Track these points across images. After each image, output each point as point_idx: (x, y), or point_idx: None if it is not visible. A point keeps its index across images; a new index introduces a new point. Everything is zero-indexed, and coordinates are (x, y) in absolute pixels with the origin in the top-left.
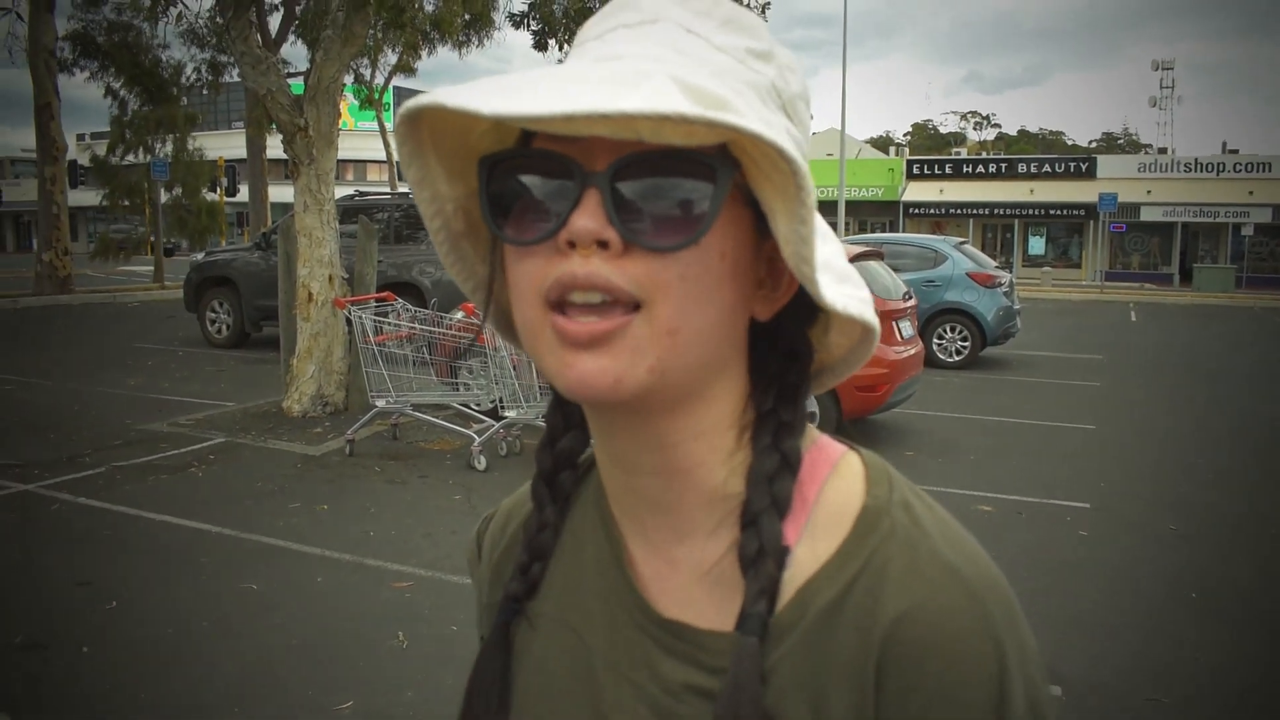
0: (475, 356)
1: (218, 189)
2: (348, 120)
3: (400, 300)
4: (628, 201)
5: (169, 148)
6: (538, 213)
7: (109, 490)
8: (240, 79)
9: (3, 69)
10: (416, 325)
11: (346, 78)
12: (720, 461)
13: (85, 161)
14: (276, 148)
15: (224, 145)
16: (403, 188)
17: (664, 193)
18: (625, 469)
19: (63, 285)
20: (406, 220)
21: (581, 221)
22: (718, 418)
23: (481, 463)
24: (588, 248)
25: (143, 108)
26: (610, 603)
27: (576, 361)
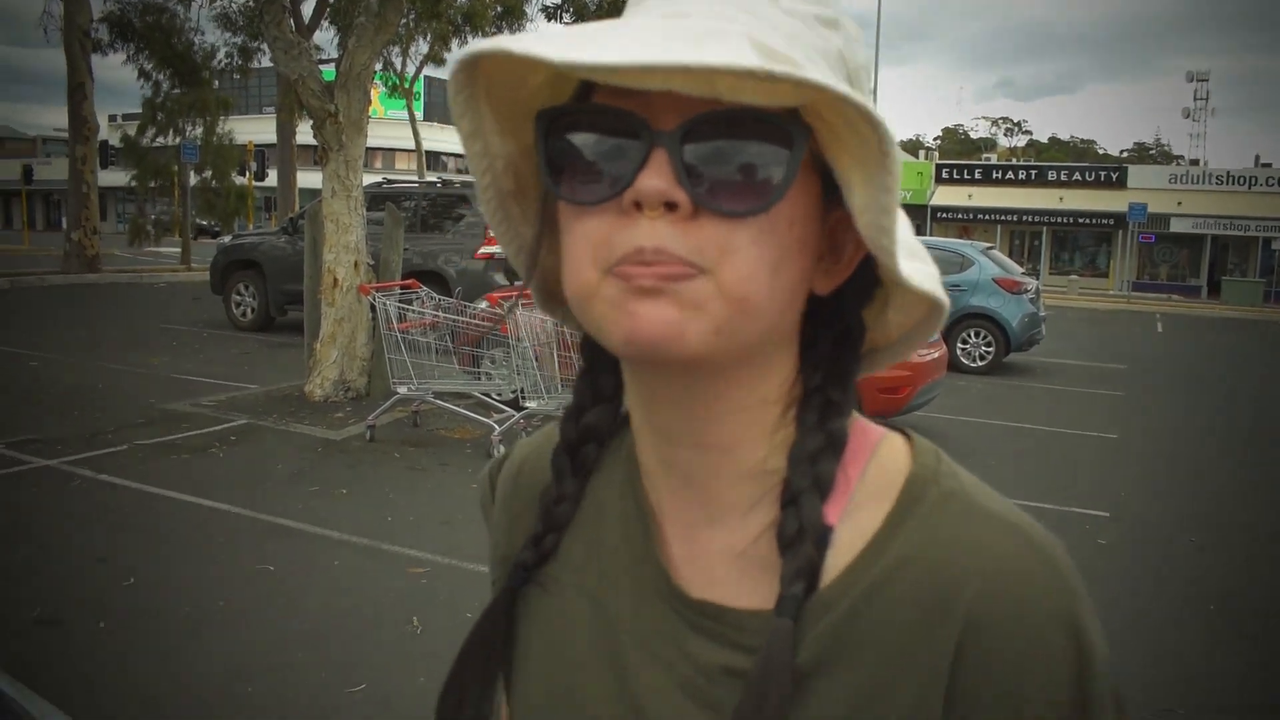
0: (498, 346)
1: (247, 173)
2: (378, 108)
3: (425, 288)
4: (698, 163)
5: (199, 131)
6: (599, 172)
7: (130, 468)
8: (272, 64)
9: (38, 48)
10: (440, 313)
11: (377, 65)
12: (762, 438)
13: (116, 142)
14: (306, 133)
15: (254, 130)
16: (430, 177)
17: (736, 155)
18: (664, 439)
19: (90, 264)
20: (433, 209)
21: (650, 181)
22: (766, 393)
23: (501, 452)
24: (655, 209)
25: (175, 90)
26: (637, 576)
27: (640, 308)
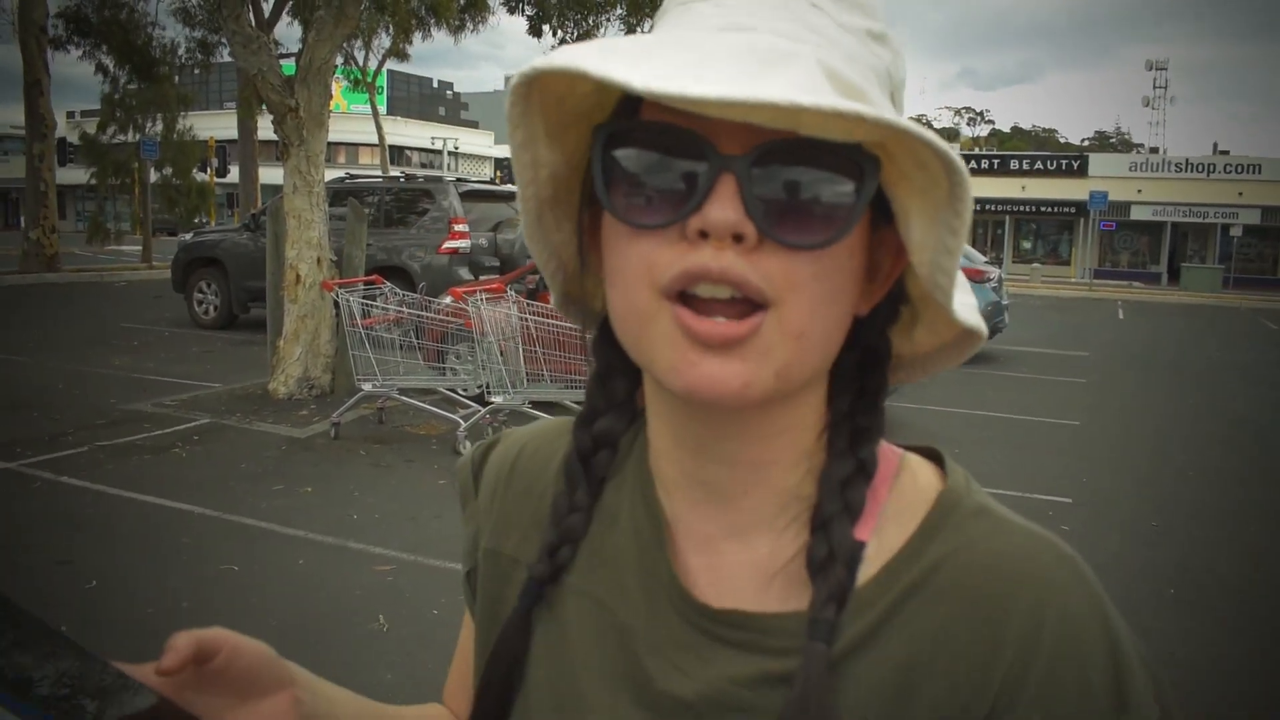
0: (463, 342)
1: (208, 169)
2: (340, 103)
3: (388, 284)
4: (765, 192)
5: (159, 127)
6: (658, 192)
7: (92, 469)
8: (232, 59)
9: None
10: (404, 309)
11: (339, 60)
12: (795, 461)
13: (75, 139)
14: (268, 129)
15: (215, 126)
16: (394, 171)
17: (805, 187)
18: (695, 455)
19: (49, 263)
20: (397, 204)
21: (719, 212)
22: (803, 415)
23: (467, 448)
24: (722, 240)
25: (134, 86)
26: (650, 586)
27: (702, 362)
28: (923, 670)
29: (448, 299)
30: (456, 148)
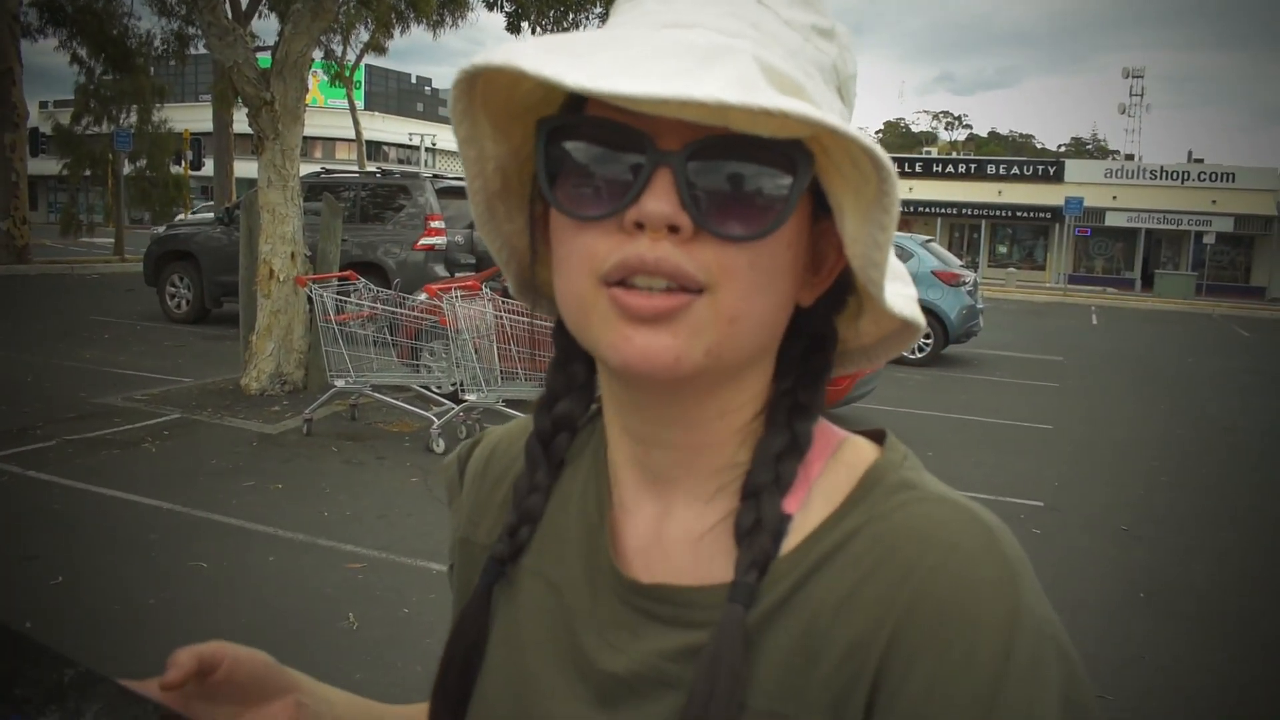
0: (437, 339)
1: (183, 162)
2: (318, 97)
3: (363, 280)
4: (701, 185)
5: (134, 118)
6: (599, 185)
7: (59, 464)
8: (207, 51)
9: None
10: (379, 305)
11: (316, 53)
12: (734, 438)
13: (47, 130)
14: (244, 122)
15: (191, 118)
16: (371, 167)
17: (740, 180)
18: (640, 441)
19: (20, 255)
20: (373, 200)
21: (654, 205)
22: (745, 399)
23: (440, 445)
24: (657, 231)
25: (108, 77)
26: (591, 567)
27: (636, 335)
28: (824, 636)
29: (423, 296)
30: (434, 144)
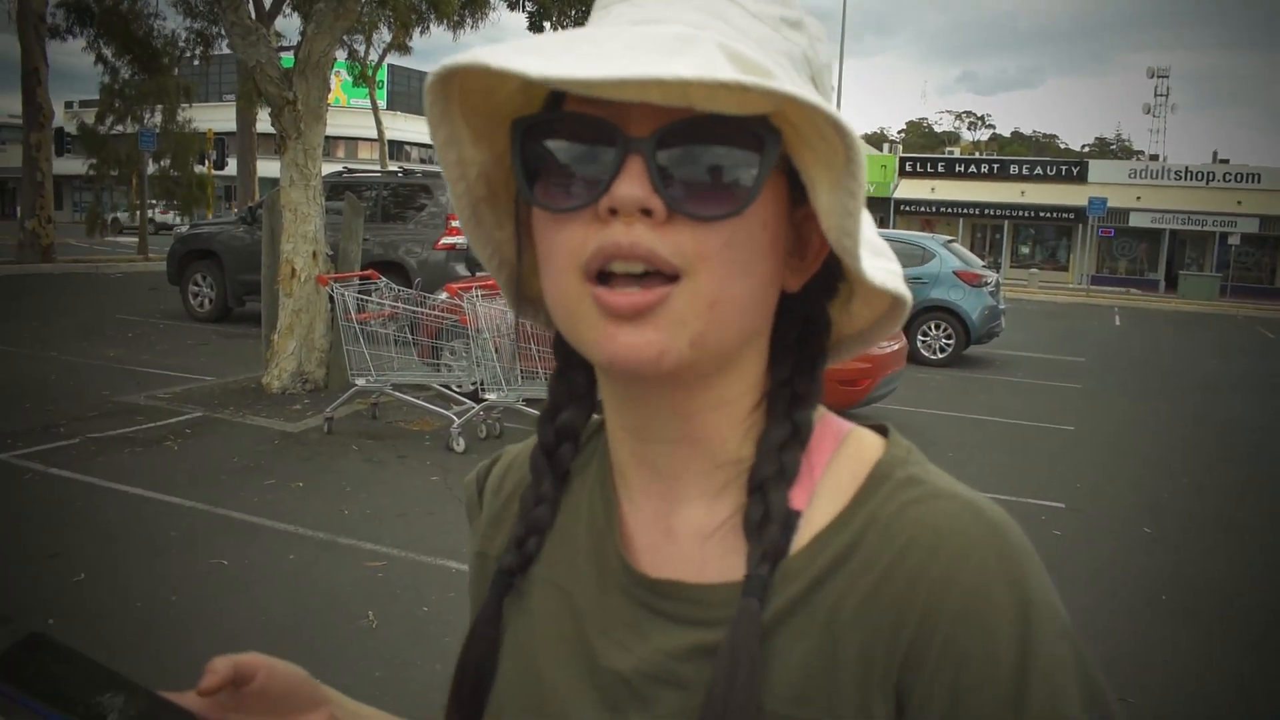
0: (457, 338)
1: (206, 161)
2: (340, 97)
3: (384, 279)
4: (671, 169)
5: (158, 118)
6: (575, 179)
7: (83, 461)
8: (231, 50)
9: None
10: (400, 304)
11: (339, 53)
12: (734, 430)
13: (72, 129)
14: (267, 121)
15: (215, 117)
16: (393, 166)
17: (709, 161)
18: (639, 438)
19: (45, 254)
20: (395, 199)
21: (625, 189)
22: (741, 389)
23: (460, 444)
24: (631, 215)
25: (134, 77)
26: (600, 566)
27: (619, 334)
28: (844, 641)
29: (443, 295)
30: None
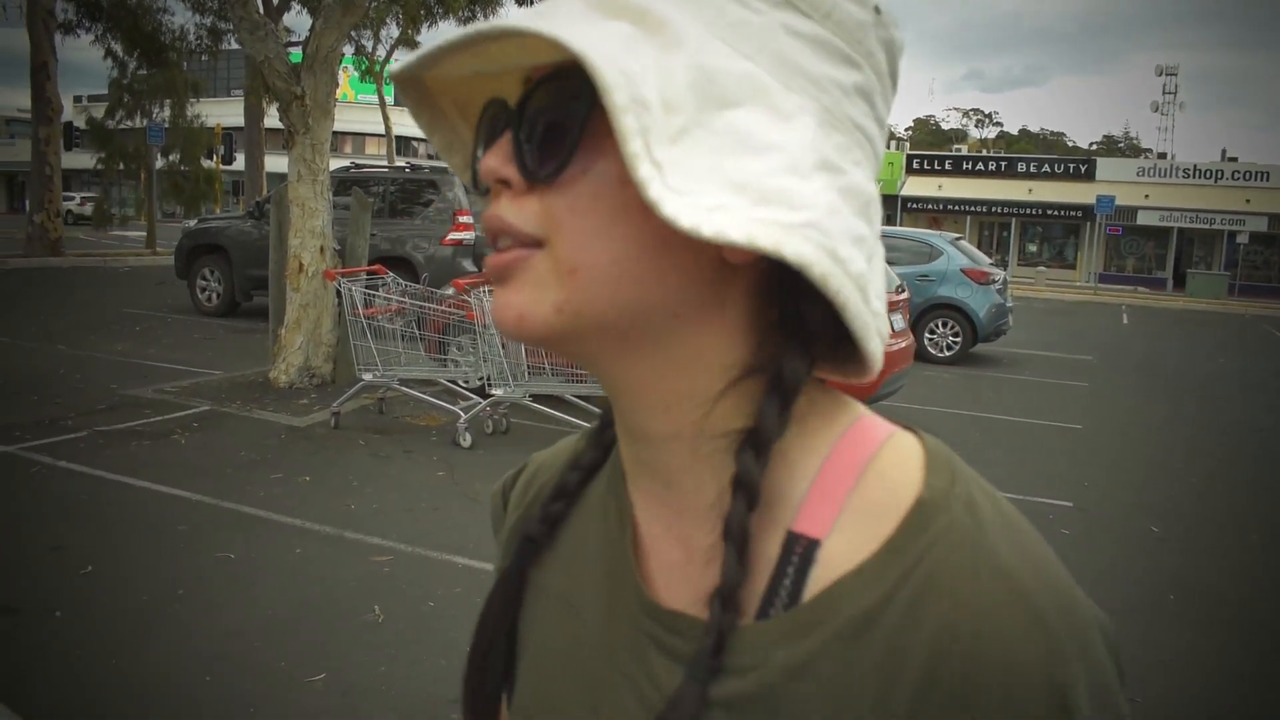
0: (465, 333)
1: (214, 156)
2: (348, 93)
3: (391, 274)
4: (524, 134)
5: (167, 113)
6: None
7: (90, 455)
8: (239, 45)
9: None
10: (407, 300)
11: (347, 48)
12: (714, 424)
13: (81, 124)
14: (275, 117)
15: (223, 112)
16: (400, 162)
17: (544, 121)
18: (628, 433)
19: (53, 248)
20: (402, 194)
21: (486, 162)
22: (696, 372)
23: (467, 440)
24: (496, 189)
25: (142, 71)
26: (612, 585)
27: (497, 295)
28: None
29: (450, 290)
30: None
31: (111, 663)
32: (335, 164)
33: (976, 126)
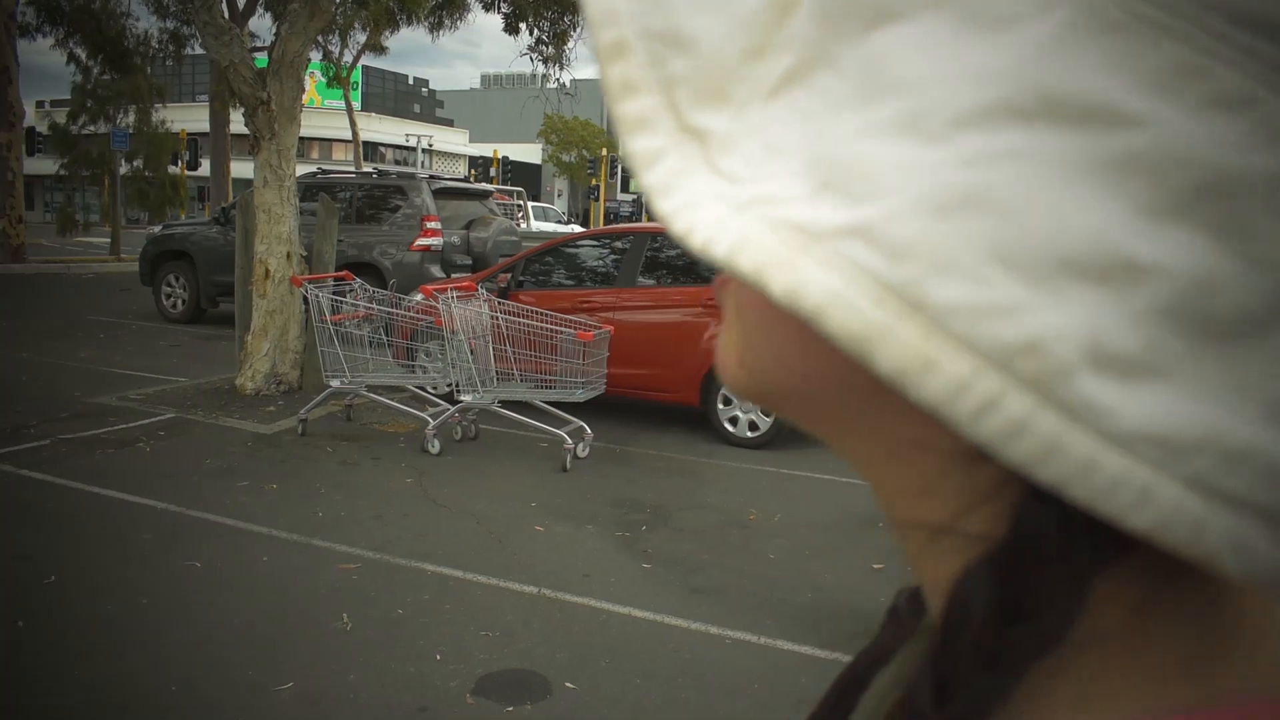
0: (433, 339)
1: (179, 162)
2: (315, 98)
3: (359, 280)
4: None
5: (132, 118)
6: None
7: (53, 463)
8: (204, 50)
9: None
10: (374, 306)
11: (314, 54)
12: (927, 555)
13: (44, 129)
14: (240, 122)
15: (188, 118)
16: (367, 167)
17: None
18: None
19: (15, 254)
20: (369, 200)
21: None
22: (901, 490)
23: (435, 446)
24: None
25: (106, 77)
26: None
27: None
28: None
29: (418, 296)
30: (431, 145)
31: (77, 673)
32: (302, 169)
33: None
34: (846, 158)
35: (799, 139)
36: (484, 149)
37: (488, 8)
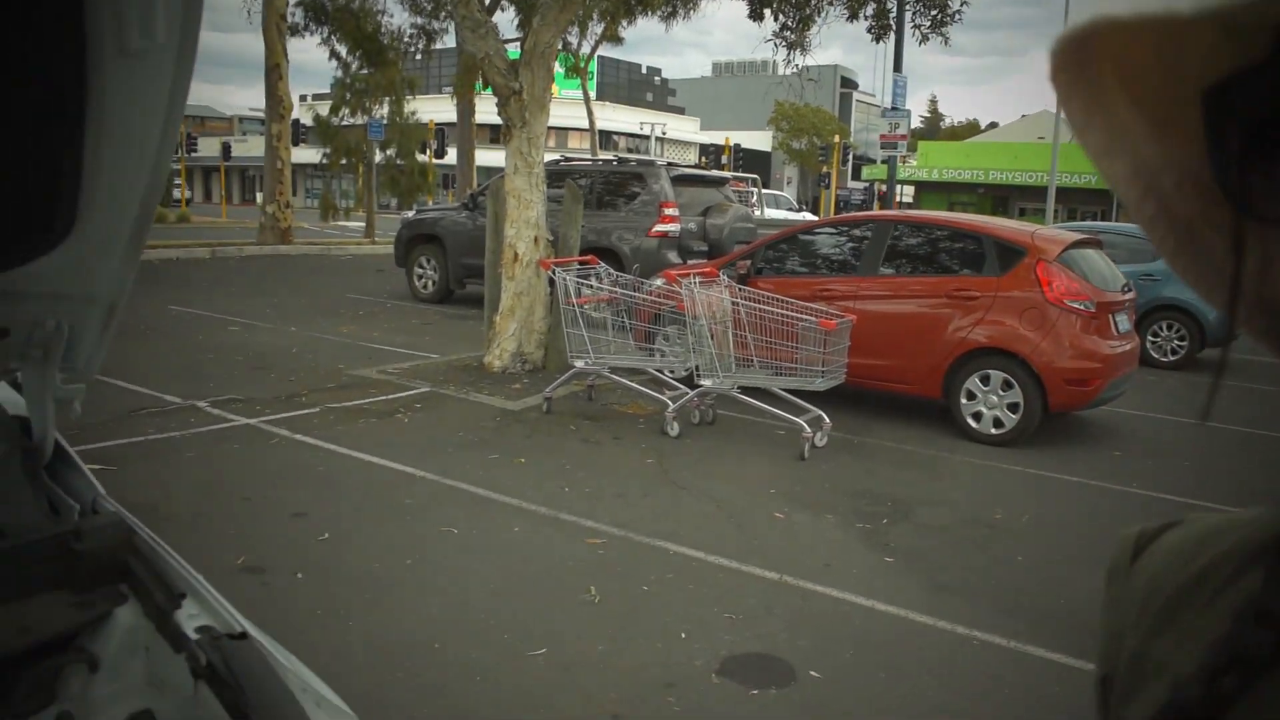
0: (673, 323)
1: (428, 151)
2: (554, 88)
3: (602, 264)
4: None
5: (386, 110)
6: None
7: (323, 429)
8: (457, 44)
9: (235, 33)
10: (617, 289)
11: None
12: None
13: (307, 121)
14: (485, 112)
15: (434, 109)
16: (605, 155)
17: None
18: None
19: (283, 236)
20: (608, 187)
21: None
22: None
23: (674, 429)
24: None
25: (362, 71)
26: None
27: None
28: None
29: (659, 280)
30: (664, 133)
31: (349, 623)
32: (544, 157)
33: None
34: None
35: None
36: (714, 136)
37: None
